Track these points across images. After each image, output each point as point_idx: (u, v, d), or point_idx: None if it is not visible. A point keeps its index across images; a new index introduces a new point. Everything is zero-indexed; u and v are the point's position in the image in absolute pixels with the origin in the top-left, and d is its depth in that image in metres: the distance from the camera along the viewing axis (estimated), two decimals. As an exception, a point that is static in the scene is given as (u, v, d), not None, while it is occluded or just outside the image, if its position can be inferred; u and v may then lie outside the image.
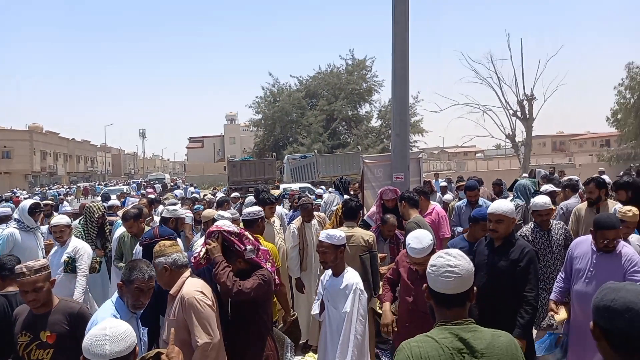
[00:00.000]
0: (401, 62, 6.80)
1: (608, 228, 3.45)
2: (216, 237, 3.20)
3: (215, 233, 3.21)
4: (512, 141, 33.04)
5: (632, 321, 1.44)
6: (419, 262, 3.35)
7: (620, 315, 1.46)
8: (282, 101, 38.83)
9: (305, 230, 5.76)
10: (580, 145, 59.49)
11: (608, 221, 3.50)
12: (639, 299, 1.46)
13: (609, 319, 1.49)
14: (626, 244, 3.71)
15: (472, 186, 6.96)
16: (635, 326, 1.44)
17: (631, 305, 1.45)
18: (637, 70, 28.52)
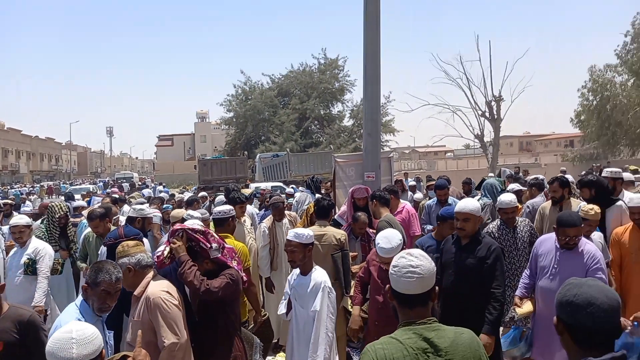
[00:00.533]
0: (372, 61, 6.83)
1: (569, 226, 3.57)
2: (180, 236, 3.13)
3: (179, 231, 3.14)
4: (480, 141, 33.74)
5: (594, 315, 1.49)
6: (388, 262, 3.35)
7: (582, 309, 1.50)
8: (254, 99, 38.55)
9: (276, 229, 5.72)
10: (545, 145, 61.27)
11: (569, 219, 3.61)
12: (601, 294, 1.51)
13: (571, 313, 1.53)
14: (588, 241, 3.82)
15: (442, 185, 7.08)
16: (596, 320, 1.49)
17: (592, 300, 1.50)
18: (599, 73, 29.55)
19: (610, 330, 1.52)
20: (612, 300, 1.52)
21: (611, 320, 1.51)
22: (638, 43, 28.27)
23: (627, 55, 28.78)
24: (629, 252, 4.45)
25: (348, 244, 4.71)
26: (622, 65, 29.11)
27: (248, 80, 40.61)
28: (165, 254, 3.08)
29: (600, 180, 5.21)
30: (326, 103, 39.41)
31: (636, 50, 28.27)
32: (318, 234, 4.58)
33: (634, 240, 4.43)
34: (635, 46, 28.37)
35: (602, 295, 1.52)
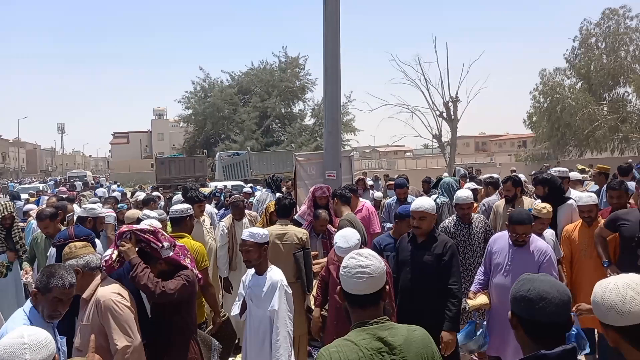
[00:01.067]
0: (332, 60, 6.86)
1: (518, 223, 3.72)
2: (128, 238, 2.99)
3: (126, 233, 3.00)
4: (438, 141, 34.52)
5: (546, 309, 1.54)
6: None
7: (535, 304, 1.55)
8: (214, 97, 37.94)
9: (235, 229, 5.62)
10: (500, 145, 63.38)
11: (519, 217, 3.76)
12: (552, 289, 1.56)
13: (525, 308, 1.58)
14: (539, 239, 3.97)
15: (401, 184, 7.20)
16: (548, 314, 1.54)
17: (544, 294, 1.55)
18: (549, 77, 30.82)
19: (562, 324, 1.57)
20: (563, 295, 1.56)
21: (562, 313, 1.55)
22: (585, 48, 29.69)
23: (576, 59, 30.17)
24: (579, 249, 4.63)
25: (310, 242, 4.69)
26: (571, 69, 30.49)
27: (207, 77, 40.01)
28: (114, 257, 2.94)
29: (554, 178, 5.42)
30: (287, 101, 39.33)
31: (583, 55, 29.69)
32: (279, 233, 4.55)
33: (584, 237, 4.61)
34: (583, 51, 29.78)
35: (553, 290, 1.57)
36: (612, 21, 28.65)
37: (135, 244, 3.01)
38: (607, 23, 28.80)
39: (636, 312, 1.43)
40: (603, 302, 1.50)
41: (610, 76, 28.44)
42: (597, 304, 1.52)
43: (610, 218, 4.41)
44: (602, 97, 29.31)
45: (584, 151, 30.40)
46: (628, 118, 28.28)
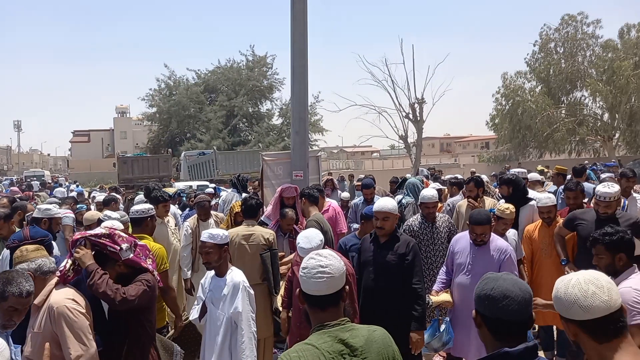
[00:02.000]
0: (300, 59, 6.82)
1: (477, 223, 3.80)
2: (83, 244, 2.85)
3: (80, 240, 2.86)
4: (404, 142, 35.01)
5: (509, 307, 1.56)
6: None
7: (498, 302, 1.57)
8: (179, 95, 37.18)
9: (200, 229, 5.50)
10: (464, 147, 64.88)
11: (478, 217, 3.84)
12: (515, 287, 1.59)
13: (489, 306, 1.60)
14: (499, 238, 4.07)
15: (368, 184, 7.22)
16: (511, 312, 1.56)
17: (507, 292, 1.57)
18: (511, 80, 31.77)
19: (524, 322, 1.60)
20: (525, 293, 1.59)
21: (524, 311, 1.58)
22: (545, 52, 30.77)
23: (536, 63, 31.23)
24: (539, 248, 4.77)
25: (277, 242, 4.64)
26: (531, 73, 31.53)
27: (172, 75, 39.16)
28: (67, 266, 2.78)
29: (518, 179, 5.57)
30: (255, 101, 38.98)
31: (543, 59, 30.75)
32: (246, 233, 4.49)
33: (543, 237, 4.76)
34: (543, 55, 30.85)
35: (516, 288, 1.59)
36: (571, 27, 29.83)
37: (92, 248, 2.87)
38: (565, 29, 29.96)
39: (597, 306, 1.48)
40: (566, 297, 1.54)
41: (568, 80, 29.59)
42: (559, 299, 1.56)
43: (568, 218, 4.55)
44: (560, 101, 30.45)
45: (543, 152, 31.50)
46: (584, 121, 29.48)
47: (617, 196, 4.15)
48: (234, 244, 4.50)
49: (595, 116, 29.98)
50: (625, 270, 2.72)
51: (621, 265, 2.74)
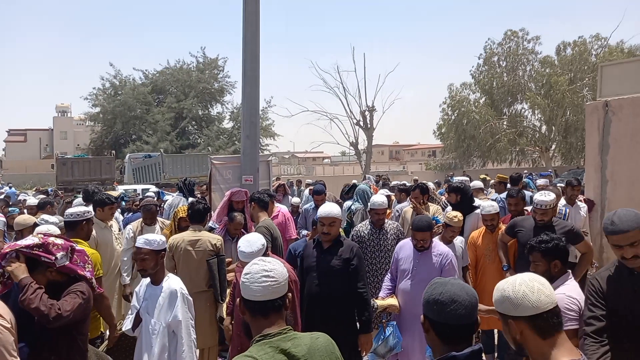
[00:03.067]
0: (252, 63, 6.72)
1: (417, 230, 3.87)
2: (15, 257, 2.61)
3: (10, 253, 2.62)
4: (355, 149, 35.57)
5: (456, 311, 1.60)
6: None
7: (447, 306, 1.60)
8: (125, 95, 35.82)
9: (144, 234, 5.26)
10: (412, 154, 66.57)
11: (419, 224, 3.91)
12: (462, 292, 1.63)
13: (437, 310, 1.63)
14: (441, 243, 4.18)
15: (320, 190, 7.22)
16: (458, 316, 1.60)
17: (455, 297, 1.61)
18: (456, 91, 32.99)
19: (470, 325, 1.63)
20: (471, 297, 1.64)
21: (471, 315, 1.62)
22: (489, 65, 32.15)
23: (480, 75, 32.57)
24: (483, 254, 4.92)
25: (224, 247, 4.52)
26: (476, 85, 32.86)
27: (118, 74, 37.72)
28: None
29: (466, 187, 5.75)
30: (205, 103, 38.23)
31: (487, 72, 32.13)
32: (192, 239, 4.37)
33: (487, 243, 4.91)
34: (487, 68, 32.22)
35: (463, 292, 1.63)
36: (513, 42, 31.34)
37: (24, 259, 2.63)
38: (508, 44, 31.44)
39: (543, 300, 1.60)
40: (515, 295, 1.61)
41: (509, 93, 31.06)
42: (508, 298, 1.62)
43: (509, 225, 4.72)
44: (502, 112, 31.89)
45: (486, 161, 32.84)
46: (524, 132, 31.03)
47: (552, 204, 4.32)
48: (179, 250, 4.35)
49: (534, 128, 31.62)
50: (560, 276, 2.82)
51: (556, 272, 2.83)
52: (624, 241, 2.38)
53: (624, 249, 2.40)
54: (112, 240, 5.08)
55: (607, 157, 6.27)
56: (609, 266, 2.64)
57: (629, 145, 6.02)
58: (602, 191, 6.23)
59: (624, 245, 2.39)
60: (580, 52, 28.63)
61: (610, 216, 2.47)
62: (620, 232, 2.38)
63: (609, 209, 6.10)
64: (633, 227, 2.36)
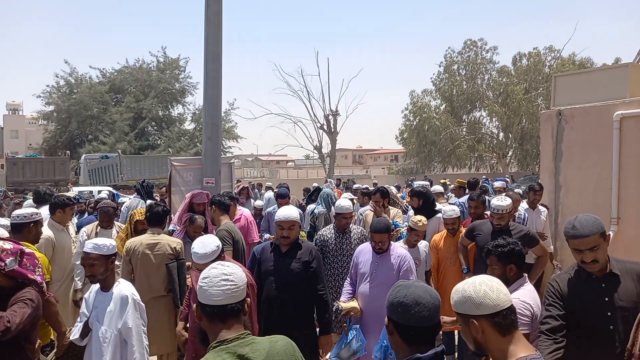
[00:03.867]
0: (214, 63, 6.60)
1: (375, 232, 3.92)
2: None
3: None
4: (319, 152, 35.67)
5: (420, 313, 1.62)
6: (199, 269, 3.16)
7: (411, 309, 1.63)
8: (81, 93, 34.52)
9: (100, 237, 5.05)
10: (375, 159, 67.42)
11: (377, 226, 3.95)
12: (426, 294, 1.66)
13: (401, 313, 1.64)
14: (399, 246, 4.21)
15: (284, 194, 7.17)
16: (422, 318, 1.62)
17: (419, 299, 1.64)
18: (418, 98, 33.63)
19: (433, 327, 1.66)
20: (435, 299, 1.67)
21: (435, 317, 1.65)
22: (449, 73, 32.94)
23: (441, 83, 33.32)
24: (445, 257, 5.00)
25: (184, 251, 4.41)
26: (437, 92, 33.60)
27: (74, 72, 36.34)
28: None
29: (428, 192, 5.83)
30: (165, 104, 37.29)
31: (447, 80, 32.91)
32: (150, 242, 4.25)
33: (448, 246, 5.00)
34: (447, 76, 33.01)
35: (427, 295, 1.66)
36: (472, 51, 32.23)
37: None
38: (467, 53, 32.31)
39: (502, 298, 1.68)
40: (476, 294, 1.68)
41: (469, 101, 31.90)
42: (470, 297, 1.69)
43: (468, 228, 4.83)
44: (462, 119, 32.72)
45: (447, 167, 33.59)
46: (483, 139, 31.95)
47: (509, 209, 4.43)
48: (137, 254, 4.22)
49: (492, 135, 32.60)
50: (515, 280, 2.88)
51: (512, 276, 2.88)
52: (584, 245, 2.44)
53: (583, 253, 2.45)
54: (70, 243, 4.88)
55: (561, 163, 6.54)
56: (569, 269, 2.70)
57: (581, 153, 6.29)
58: (556, 196, 6.48)
59: (584, 249, 2.44)
60: (535, 63, 29.77)
61: (571, 221, 2.52)
62: (581, 236, 2.43)
63: (562, 213, 6.36)
64: (593, 232, 2.42)
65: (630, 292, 2.45)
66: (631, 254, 2.48)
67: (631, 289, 2.46)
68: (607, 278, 2.50)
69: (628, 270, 2.50)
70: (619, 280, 2.48)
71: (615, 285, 2.48)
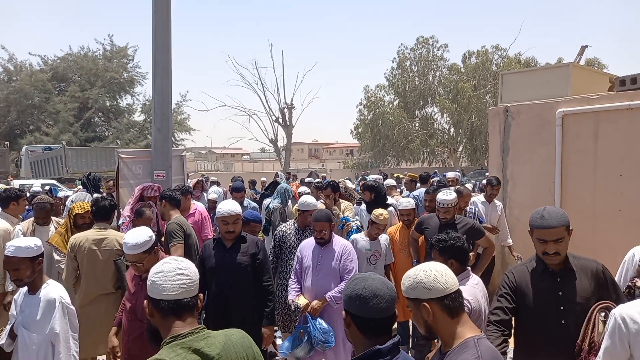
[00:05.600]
0: (163, 53, 6.38)
1: (315, 220, 3.99)
2: None
3: None
4: (274, 145, 35.44)
5: (378, 305, 1.64)
6: (135, 261, 3.09)
7: (369, 301, 1.64)
8: (21, 81, 32.54)
9: (35, 235, 4.77)
10: (330, 153, 67.75)
11: (317, 215, 4.04)
12: (383, 286, 1.68)
13: (360, 305, 1.66)
14: (341, 237, 4.27)
15: (239, 188, 7.08)
16: (380, 310, 1.65)
17: (377, 291, 1.66)
18: (372, 93, 34.02)
19: (391, 318, 1.69)
20: (391, 291, 1.69)
21: (392, 309, 1.67)
22: (402, 69, 33.49)
23: (394, 79, 33.84)
24: (400, 249, 5.09)
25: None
26: (390, 87, 34.12)
27: (12, 58, 34.23)
28: None
29: (380, 186, 5.91)
30: (113, 94, 35.78)
31: (400, 75, 33.47)
32: (97, 238, 4.08)
33: (403, 238, 5.10)
34: (400, 71, 33.56)
35: (384, 287, 1.68)
36: (424, 48, 32.90)
37: None
38: (419, 49, 32.96)
39: (450, 282, 1.80)
40: (427, 278, 1.78)
41: (421, 96, 32.59)
42: (421, 282, 1.78)
43: (417, 222, 4.94)
44: (415, 115, 33.39)
45: (400, 161, 34.24)
46: (435, 134, 32.77)
47: (454, 203, 4.56)
48: (83, 250, 4.04)
49: (444, 130, 33.49)
50: (457, 275, 2.86)
51: (453, 270, 2.95)
52: (550, 236, 2.44)
53: (547, 244, 2.46)
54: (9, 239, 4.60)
55: (508, 158, 6.79)
56: (526, 261, 2.71)
57: (526, 148, 6.56)
58: (504, 190, 6.73)
59: (549, 240, 2.45)
60: (483, 61, 30.76)
61: (539, 211, 2.52)
62: (549, 227, 2.43)
63: (509, 206, 6.61)
64: (561, 223, 2.43)
65: (584, 288, 2.48)
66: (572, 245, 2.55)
67: (585, 285, 2.49)
68: (563, 273, 2.52)
69: (583, 267, 2.53)
70: (574, 276, 2.50)
71: (570, 281, 2.50)
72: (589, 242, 5.26)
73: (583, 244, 2.51)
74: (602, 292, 2.49)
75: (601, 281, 2.51)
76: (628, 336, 2.05)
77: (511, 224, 6.24)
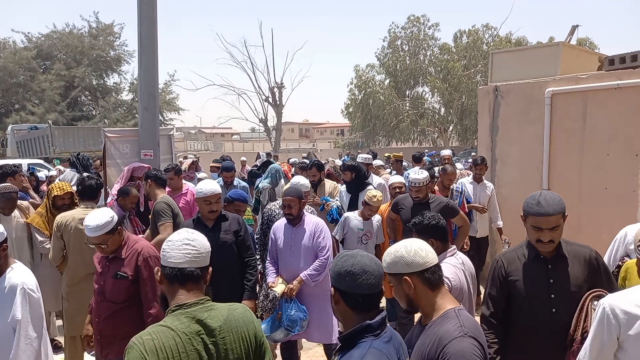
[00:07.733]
0: (148, 28, 6.27)
1: (285, 195, 4.00)
2: None
3: None
4: (264, 125, 35.24)
5: (367, 281, 1.68)
6: (93, 243, 3.02)
7: (358, 277, 1.67)
8: (5, 59, 31.73)
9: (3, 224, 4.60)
10: (321, 133, 67.56)
11: (288, 190, 4.04)
12: (371, 262, 1.72)
13: (350, 281, 1.68)
14: (314, 216, 4.21)
15: (229, 167, 7.02)
16: (369, 285, 1.68)
17: (366, 267, 1.69)
18: (363, 72, 33.80)
19: (379, 294, 1.73)
20: (379, 267, 1.73)
21: (380, 285, 1.71)
22: (392, 48, 33.27)
23: (385, 58, 33.62)
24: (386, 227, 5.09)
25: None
26: (381, 67, 33.91)
27: (-4, 35, 33.36)
28: None
29: (359, 166, 5.97)
30: (100, 72, 35.08)
31: (391, 55, 33.24)
32: (84, 217, 3.94)
33: (392, 214, 5.09)
34: (391, 51, 33.32)
35: (372, 263, 1.71)
36: (415, 27, 32.65)
37: None
38: (411, 28, 32.70)
39: (430, 256, 1.88)
40: (408, 253, 1.85)
41: (412, 76, 32.48)
42: (403, 257, 1.84)
43: (393, 202, 4.92)
44: (405, 94, 33.33)
45: (391, 141, 34.27)
46: (425, 114, 32.77)
47: (425, 182, 4.53)
48: (69, 229, 4.00)
49: (434, 110, 33.50)
50: (440, 253, 2.78)
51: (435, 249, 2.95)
52: (546, 224, 2.32)
53: (542, 232, 2.34)
54: None
55: (497, 137, 6.80)
56: (517, 247, 2.61)
57: (515, 127, 6.57)
58: (492, 169, 6.76)
59: (545, 228, 2.32)
60: (474, 41, 30.64)
61: (535, 196, 2.38)
62: (546, 214, 2.30)
63: (498, 185, 6.66)
64: (557, 210, 2.30)
65: (576, 276, 2.38)
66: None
67: (578, 273, 2.39)
68: (554, 259, 2.42)
69: (576, 254, 2.43)
70: (567, 263, 2.40)
71: (562, 268, 2.40)
72: (575, 219, 5.32)
73: (568, 221, 2.47)
74: (595, 280, 2.40)
75: (594, 268, 2.41)
76: (618, 328, 1.94)
77: (500, 203, 6.29)
